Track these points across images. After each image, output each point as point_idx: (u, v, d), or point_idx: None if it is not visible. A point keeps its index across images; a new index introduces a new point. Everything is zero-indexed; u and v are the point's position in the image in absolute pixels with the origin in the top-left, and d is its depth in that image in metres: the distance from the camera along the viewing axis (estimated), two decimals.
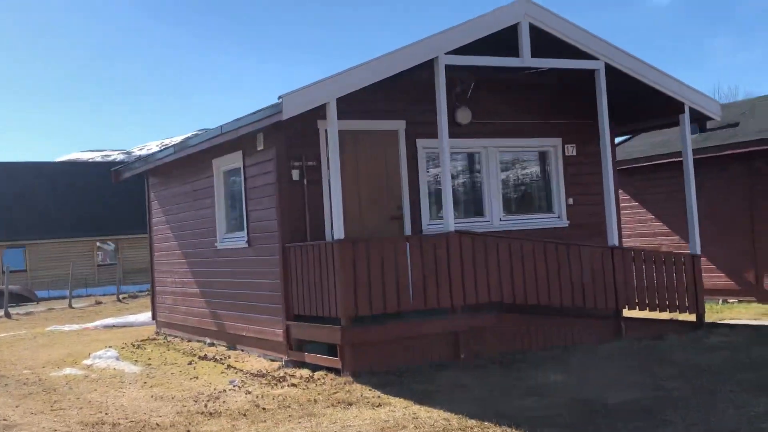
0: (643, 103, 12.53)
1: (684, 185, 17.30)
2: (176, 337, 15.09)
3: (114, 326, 19.15)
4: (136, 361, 12.64)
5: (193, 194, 14.08)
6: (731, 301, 16.69)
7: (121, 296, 31.31)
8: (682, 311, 11.93)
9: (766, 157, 16.19)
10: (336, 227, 9.78)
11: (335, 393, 9.02)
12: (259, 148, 11.46)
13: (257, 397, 9.17)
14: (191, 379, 10.76)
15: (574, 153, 13.15)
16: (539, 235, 12.02)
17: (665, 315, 12.49)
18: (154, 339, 15.31)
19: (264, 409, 8.53)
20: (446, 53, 10.44)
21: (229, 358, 12.10)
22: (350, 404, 8.49)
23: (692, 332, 11.81)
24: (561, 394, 8.44)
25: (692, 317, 12.29)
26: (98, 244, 44.80)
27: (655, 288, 11.67)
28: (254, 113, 10.52)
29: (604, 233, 13.02)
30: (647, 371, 9.35)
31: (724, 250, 16.53)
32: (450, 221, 10.34)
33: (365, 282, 9.78)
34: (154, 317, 16.51)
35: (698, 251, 12.10)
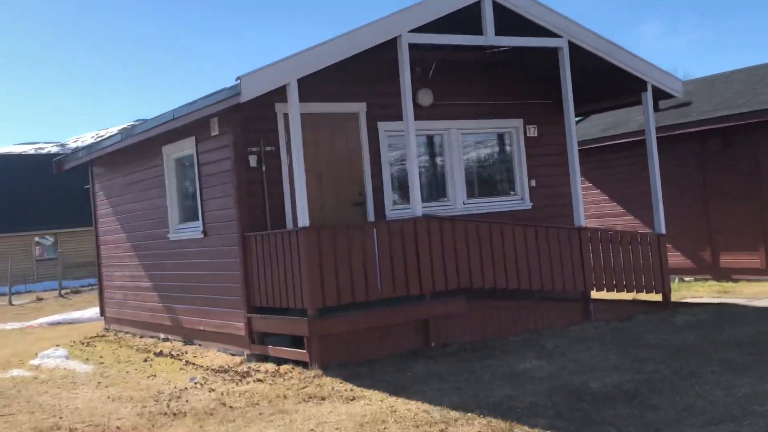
0: (604, 82, 12.35)
1: (639, 165, 17.56)
2: (127, 333, 14.48)
3: (60, 323, 18.37)
4: (87, 359, 12.04)
5: (142, 184, 13.47)
6: (687, 279, 16.76)
7: (63, 292, 30.29)
8: (648, 291, 11.82)
9: (718, 136, 16.26)
10: (300, 214, 9.35)
11: (305, 387, 8.62)
12: (213, 134, 10.94)
13: (222, 394, 8.71)
14: (149, 377, 10.24)
15: (536, 134, 12.93)
16: (502, 218, 11.79)
17: (631, 295, 12.38)
18: (104, 336, 14.67)
19: (231, 407, 8.08)
20: (409, 31, 10.08)
21: (187, 353, 11.59)
22: (323, 399, 8.10)
23: (660, 312, 11.71)
24: (541, 380, 8.19)
25: (658, 297, 12.20)
26: (36, 239, 43.36)
27: (622, 269, 11.54)
28: (209, 96, 10.00)
29: (567, 215, 12.88)
30: (623, 354, 9.16)
31: (679, 229, 16.56)
32: (417, 205, 10.00)
33: (332, 271, 9.39)
34: (102, 313, 15.85)
35: (663, 230, 12.01)
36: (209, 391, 8.93)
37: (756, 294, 13.76)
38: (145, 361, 11.40)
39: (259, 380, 9.21)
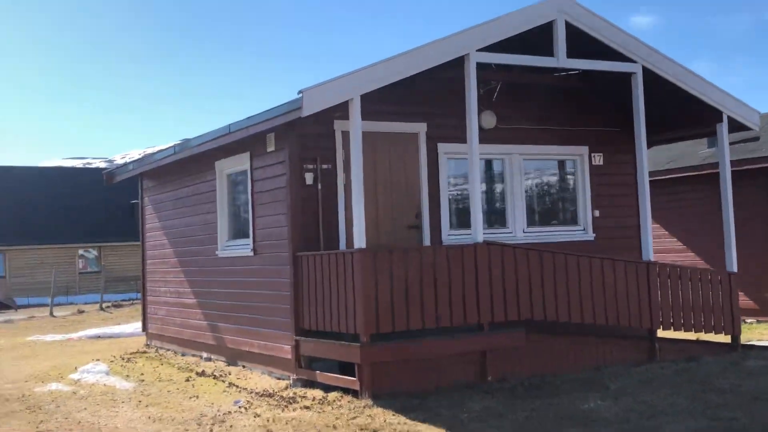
0: (676, 112, 11.79)
1: (703, 200, 16.91)
2: (169, 350, 14.15)
3: (100, 337, 18.14)
4: (127, 376, 11.70)
5: (192, 198, 13.19)
6: (749, 321, 15.98)
7: (104, 305, 30.20)
8: (717, 332, 11.16)
9: None
10: (357, 235, 8.93)
11: (355, 418, 8.15)
12: (269, 150, 10.61)
13: (268, 420, 8.28)
14: (191, 398, 9.86)
15: (601, 162, 12.39)
16: (564, 249, 11.22)
17: (696, 335, 11.73)
18: (145, 352, 14.35)
19: None
20: (477, 50, 9.67)
21: (230, 374, 11.19)
22: (375, 431, 7.63)
23: (728, 354, 11.05)
24: (609, 423, 7.62)
25: (725, 338, 11.53)
26: (80, 251, 43.62)
27: (691, 307, 10.90)
28: (268, 110, 9.68)
29: (631, 249, 12.32)
30: (694, 398, 8.55)
31: (743, 268, 15.75)
32: (479, 231, 9.52)
33: (387, 296, 8.93)
34: (144, 328, 15.55)
35: (735, 269, 11.36)
36: (254, 417, 8.51)
37: None
38: (187, 380, 11.03)
39: (306, 407, 8.76)
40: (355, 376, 9.02)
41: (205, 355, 12.73)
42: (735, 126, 11.74)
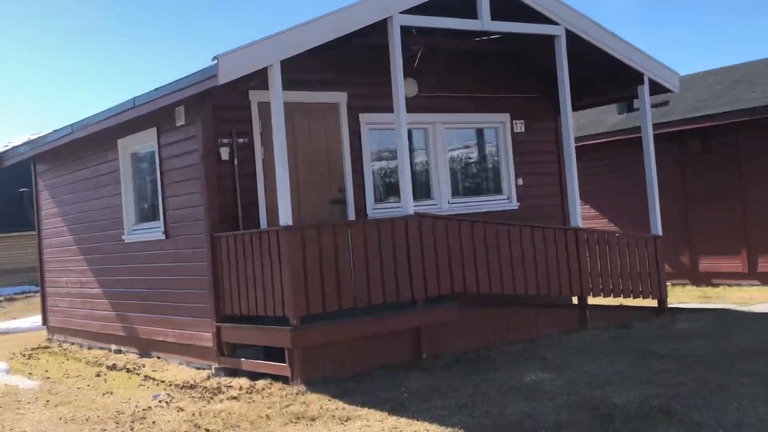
0: (598, 75, 11.61)
1: (614, 166, 16.98)
2: (74, 344, 13.21)
3: None
4: (30, 374, 10.78)
5: (93, 181, 12.27)
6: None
7: None
8: (645, 296, 11.11)
9: (697, 137, 15.75)
10: (283, 212, 8.33)
11: (289, 406, 7.60)
12: (179, 124, 9.86)
13: (193, 414, 7.64)
14: (104, 394, 9.09)
15: (523, 129, 12.15)
16: (489, 219, 10.92)
17: (619, 300, 11.65)
18: (48, 347, 13.36)
19: (207, 430, 7.04)
20: (401, 12, 9.17)
21: (144, 367, 10.44)
22: (312, 420, 7.10)
23: (656, 319, 11.01)
24: (555, 395, 7.32)
25: (652, 302, 11.50)
26: None
27: (619, 273, 10.79)
28: (178, 80, 8.95)
29: (554, 217, 12.21)
30: (635, 365, 8.36)
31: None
32: (409, 203, 9.08)
33: (317, 275, 8.40)
34: (44, 322, 14.51)
35: (660, 232, 11.30)
36: (177, 411, 7.85)
37: (744, 299, 13.20)
38: (98, 375, 10.23)
39: (234, 398, 8.16)
40: (284, 362, 8.47)
41: (114, 347, 11.90)
42: (655, 89, 11.65)
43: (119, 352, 11.68)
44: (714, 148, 15.62)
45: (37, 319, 18.10)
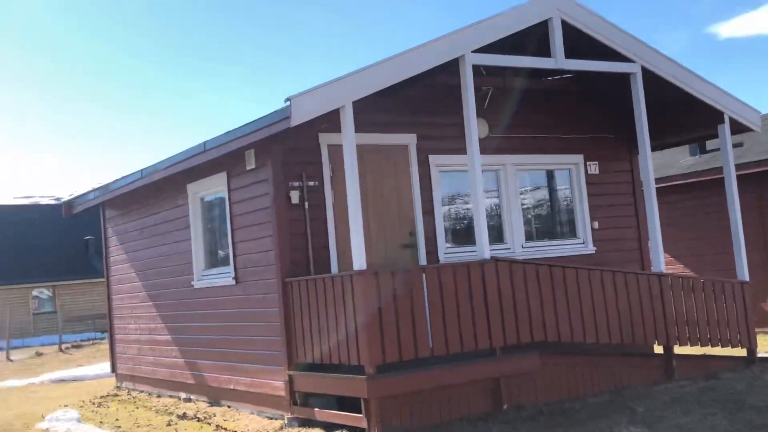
0: (674, 114, 11.20)
1: (690, 209, 16.39)
2: (143, 392, 13.09)
3: (64, 380, 16.92)
4: (101, 422, 10.65)
5: (163, 226, 12.24)
6: None
7: (63, 346, 28.74)
8: (734, 345, 10.52)
9: None
10: (357, 255, 8.10)
11: None
12: (249, 168, 9.76)
13: None
14: None
15: (597, 171, 11.77)
16: (565, 264, 10.53)
17: (707, 350, 11.08)
18: (117, 395, 13.26)
19: None
20: (473, 51, 8.97)
21: (215, 416, 10.22)
22: None
23: (746, 369, 10.41)
24: None
25: (741, 352, 10.92)
26: (33, 292, 41.89)
27: (706, 321, 10.25)
28: (249, 123, 8.85)
29: (632, 260, 11.76)
30: (732, 418, 7.85)
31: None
32: (485, 246, 8.77)
33: (392, 321, 8.10)
34: (113, 369, 14.45)
35: (746, 277, 10.75)
36: None
37: None
38: (169, 425, 10.04)
39: None
40: (359, 412, 8.16)
41: (183, 395, 11.72)
42: (735, 127, 11.20)
43: (189, 400, 11.49)
44: None
45: (104, 366, 18.12)
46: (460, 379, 8.43)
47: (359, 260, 8.08)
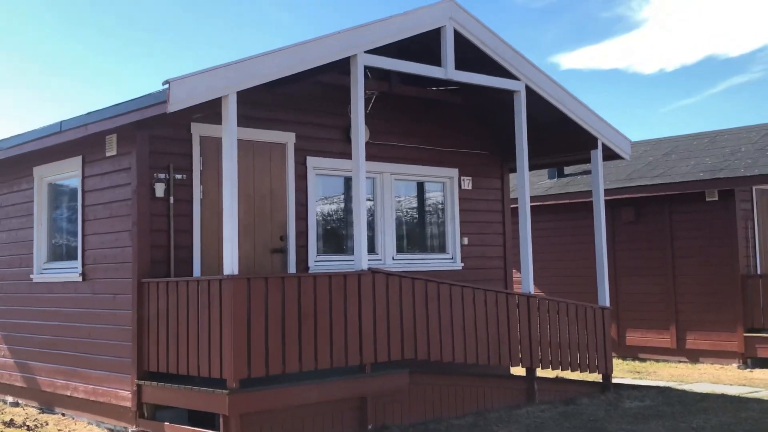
0: (552, 135, 11.23)
1: (550, 231, 16.73)
2: None
3: None
4: None
5: (1, 211, 11.03)
6: None
7: None
8: (591, 370, 10.60)
9: (631, 207, 15.65)
10: (228, 259, 7.44)
11: None
12: (109, 154, 8.88)
13: None
14: None
15: (470, 187, 11.63)
16: (438, 279, 10.30)
17: (556, 373, 11.15)
18: None
19: None
20: (366, 51, 8.54)
21: (47, 425, 9.20)
22: None
23: (602, 395, 10.53)
24: None
25: (597, 377, 11.05)
26: None
27: (568, 344, 10.28)
28: (117, 105, 8.04)
29: (497, 279, 11.71)
30: None
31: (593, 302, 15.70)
32: (363, 257, 8.34)
33: (261, 333, 7.51)
34: None
35: (607, 303, 10.89)
36: None
37: (677, 376, 12.91)
38: None
39: None
40: (214, 429, 7.51)
41: (10, 399, 10.56)
42: (607, 154, 11.36)
43: (16, 405, 10.36)
44: (646, 220, 15.55)
45: None
46: (328, 396, 7.95)
47: (231, 264, 7.43)
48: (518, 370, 10.79)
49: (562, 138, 11.21)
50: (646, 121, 48.79)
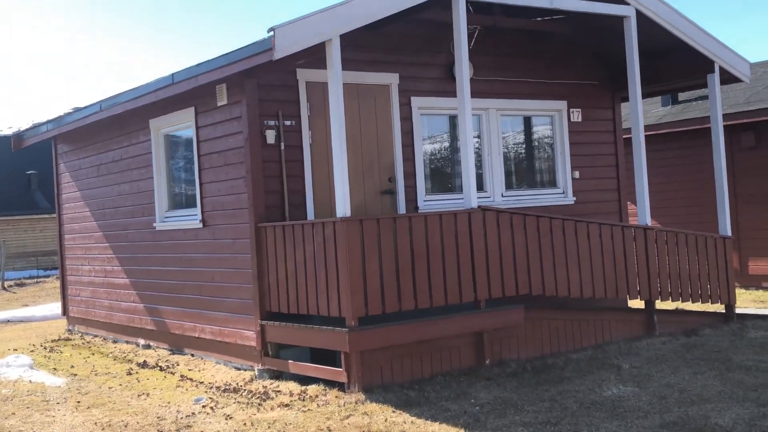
0: (664, 61, 10.81)
1: (666, 161, 16.17)
2: (97, 336, 12.49)
3: (10, 321, 16.19)
4: (55, 369, 10.07)
5: (121, 163, 11.52)
6: None
7: (6, 284, 27.77)
8: (714, 301, 10.34)
9: (751, 132, 14.96)
10: (340, 201, 7.59)
11: (349, 416, 6.89)
12: (220, 104, 9.11)
13: (245, 424, 6.93)
14: (140, 396, 8.38)
15: (580, 119, 11.37)
16: (545, 214, 10.17)
17: (681, 305, 10.90)
18: (69, 339, 12.64)
19: None
20: None
21: (179, 365, 9.72)
22: None
23: (725, 325, 10.27)
24: (647, 412, 6.60)
25: (719, 307, 10.77)
26: None
27: (688, 275, 10.03)
28: (225, 55, 8.19)
29: (611, 212, 11.47)
30: (723, 378, 7.63)
31: (713, 231, 15.21)
32: (472, 195, 8.32)
33: (376, 272, 7.65)
34: (65, 312, 13.78)
35: (729, 232, 10.54)
36: (225, 419, 7.15)
37: None
38: (129, 373, 9.51)
39: (286, 405, 7.44)
40: (337, 366, 7.75)
41: (142, 341, 11.18)
42: (725, 78, 10.86)
43: (148, 347, 10.96)
44: (767, 145, 14.84)
45: (51, 307, 17.44)
46: (444, 332, 8.05)
47: (343, 206, 7.57)
48: (636, 303, 10.64)
49: (676, 63, 10.79)
50: (765, 39, 46.16)
